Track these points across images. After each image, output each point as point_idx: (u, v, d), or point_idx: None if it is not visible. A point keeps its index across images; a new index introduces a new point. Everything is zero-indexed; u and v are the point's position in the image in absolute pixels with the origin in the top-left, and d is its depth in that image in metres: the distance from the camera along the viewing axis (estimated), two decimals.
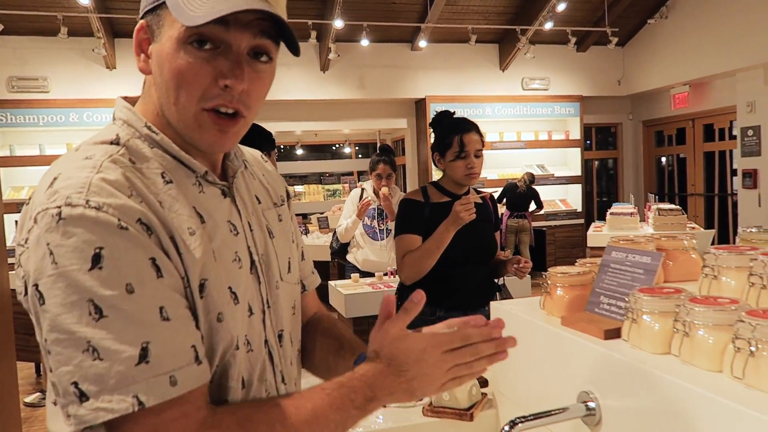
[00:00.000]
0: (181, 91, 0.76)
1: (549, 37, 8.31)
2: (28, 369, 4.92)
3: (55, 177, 0.72)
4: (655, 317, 0.97)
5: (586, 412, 1.03)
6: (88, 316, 0.65)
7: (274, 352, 0.88)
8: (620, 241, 1.24)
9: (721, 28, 7.35)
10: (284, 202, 1.01)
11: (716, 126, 8.37)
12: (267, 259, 0.89)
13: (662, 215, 5.46)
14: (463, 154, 2.25)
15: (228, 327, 0.78)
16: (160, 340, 0.68)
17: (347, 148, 12.54)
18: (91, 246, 0.66)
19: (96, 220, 0.67)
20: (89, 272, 0.66)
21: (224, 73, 0.76)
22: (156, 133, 0.80)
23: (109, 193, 0.69)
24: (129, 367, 0.65)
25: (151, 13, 0.78)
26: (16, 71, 7.05)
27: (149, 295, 0.69)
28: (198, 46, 0.75)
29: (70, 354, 0.66)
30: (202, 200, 0.81)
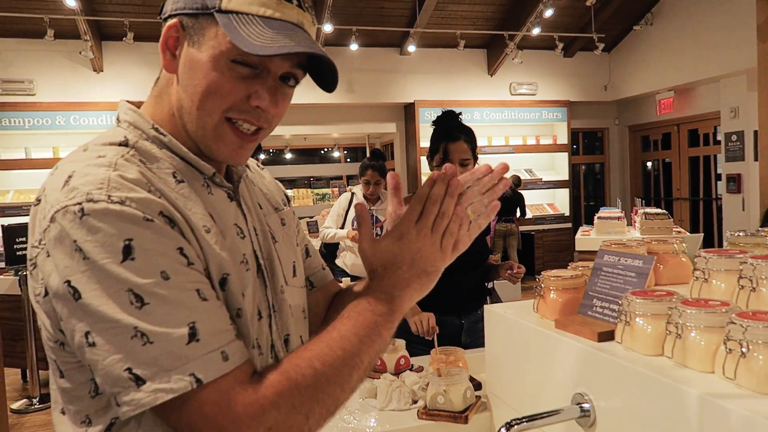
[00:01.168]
0: (210, 99, 0.77)
1: (536, 42, 8.38)
2: (14, 375, 4.86)
3: (69, 175, 0.71)
4: (647, 320, 0.98)
5: (581, 413, 1.05)
6: (130, 305, 0.66)
7: (280, 356, 0.88)
8: (612, 244, 1.26)
9: (705, 34, 7.46)
10: (285, 207, 1.02)
11: (701, 131, 8.48)
12: (271, 264, 0.90)
13: (649, 219, 5.51)
14: (447, 161, 2.27)
15: (246, 324, 0.79)
16: (204, 318, 0.69)
17: (336, 152, 12.53)
18: (119, 238, 0.67)
19: (120, 213, 0.68)
20: (122, 264, 0.66)
21: (260, 96, 0.78)
22: (164, 135, 0.81)
23: (129, 188, 0.70)
24: (181, 347, 0.66)
25: (189, 17, 0.78)
26: (2, 74, 6.97)
27: (184, 280, 0.70)
28: (239, 64, 0.76)
29: (118, 342, 0.66)
30: (211, 201, 0.82)
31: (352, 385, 0.75)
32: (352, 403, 1.57)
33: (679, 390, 0.86)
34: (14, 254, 4.45)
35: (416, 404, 1.54)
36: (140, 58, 7.31)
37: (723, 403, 0.78)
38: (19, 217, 6.62)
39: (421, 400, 1.54)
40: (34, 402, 4.37)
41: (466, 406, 1.44)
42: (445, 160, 2.26)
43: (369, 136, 10.46)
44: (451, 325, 2.30)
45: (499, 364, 1.42)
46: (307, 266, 1.07)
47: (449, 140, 2.28)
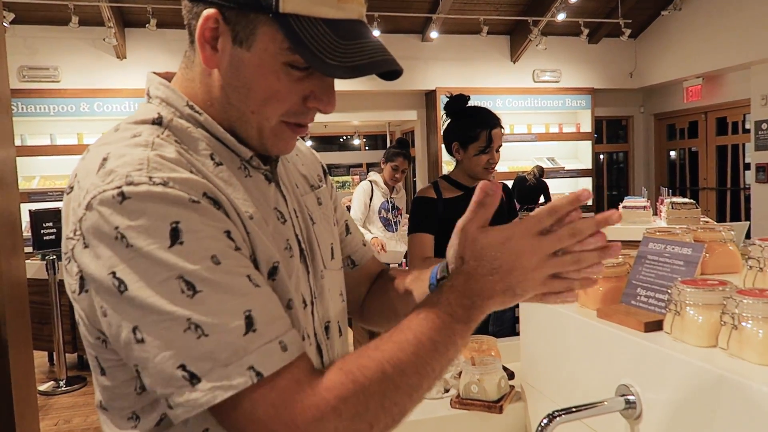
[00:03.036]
0: (268, 104, 0.73)
1: (561, 28, 8.23)
2: (41, 358, 4.95)
3: (104, 158, 0.66)
4: (699, 309, 0.94)
5: (626, 405, 1.01)
6: (181, 294, 0.61)
7: (322, 345, 0.84)
8: (656, 232, 1.22)
9: (735, 19, 7.26)
10: (322, 183, 0.97)
11: (729, 119, 8.30)
12: (311, 248, 0.85)
13: (676, 209, 5.41)
14: (488, 150, 2.22)
15: (297, 315, 0.75)
16: (259, 306, 0.64)
17: (356, 139, 12.50)
18: (166, 222, 0.62)
19: (164, 195, 0.63)
20: (170, 249, 0.62)
21: (318, 98, 0.74)
22: (199, 113, 0.75)
23: (170, 168, 0.65)
24: (238, 338, 0.61)
25: (234, 10, 0.69)
26: (27, 61, 7.05)
27: (235, 265, 0.65)
28: (294, 68, 0.71)
29: (170, 336, 0.61)
30: (249, 186, 0.77)
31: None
32: None
33: (737, 383, 0.82)
34: (41, 239, 4.52)
35: (448, 393, 1.51)
36: (163, 44, 7.34)
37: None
38: (44, 202, 6.71)
39: (453, 389, 1.52)
40: (61, 384, 4.46)
41: (501, 395, 1.42)
42: (487, 148, 2.22)
43: (389, 123, 10.41)
44: None
45: (535, 353, 1.39)
46: (347, 244, 1.02)
47: (492, 127, 2.24)
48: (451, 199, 2.29)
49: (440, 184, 2.34)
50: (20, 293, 2.51)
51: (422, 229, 2.26)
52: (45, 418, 3.90)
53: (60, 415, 4.01)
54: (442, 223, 2.26)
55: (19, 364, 2.43)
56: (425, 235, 2.25)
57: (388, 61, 0.71)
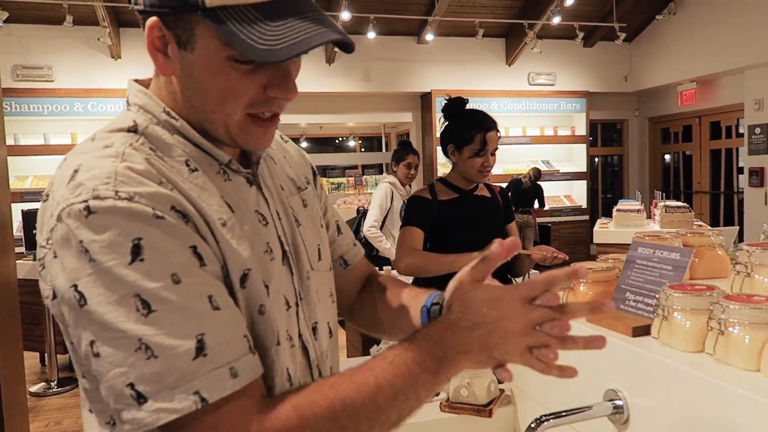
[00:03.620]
0: (226, 102, 0.72)
1: (556, 32, 8.26)
2: (32, 359, 4.92)
3: (75, 169, 0.67)
4: (686, 315, 0.95)
5: (614, 410, 1.01)
6: (137, 312, 0.61)
7: (309, 347, 0.84)
8: (645, 236, 1.22)
9: (729, 24, 7.29)
10: (309, 185, 0.96)
11: (723, 123, 8.33)
12: (296, 250, 0.85)
13: (669, 212, 5.44)
14: (482, 152, 2.22)
15: (270, 320, 0.75)
16: (214, 330, 0.64)
17: (352, 141, 12.50)
18: (128, 238, 0.62)
19: (129, 210, 0.63)
20: (130, 266, 0.62)
21: (276, 86, 0.72)
22: (176, 119, 0.75)
23: (138, 182, 0.65)
24: (187, 362, 0.61)
25: (171, 15, 0.69)
26: (21, 60, 7.01)
27: (197, 284, 0.65)
28: (240, 63, 0.70)
29: (122, 354, 0.61)
30: (228, 189, 0.76)
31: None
32: None
33: (723, 388, 0.82)
34: (33, 239, 4.49)
35: (438, 396, 1.51)
36: None
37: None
38: (38, 202, 6.65)
39: (443, 392, 1.52)
40: (53, 385, 4.43)
41: (490, 399, 1.42)
42: (482, 151, 2.21)
43: (385, 125, 10.41)
44: None
45: None
46: (339, 244, 1.02)
47: (487, 130, 2.23)
48: (445, 201, 2.29)
49: (436, 187, 2.33)
50: (11, 293, 2.50)
51: (414, 223, 2.26)
52: (35, 420, 3.88)
53: (51, 416, 3.99)
54: (436, 224, 2.25)
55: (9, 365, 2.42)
56: (416, 229, 2.25)
57: (324, 33, 0.68)
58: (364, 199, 6.61)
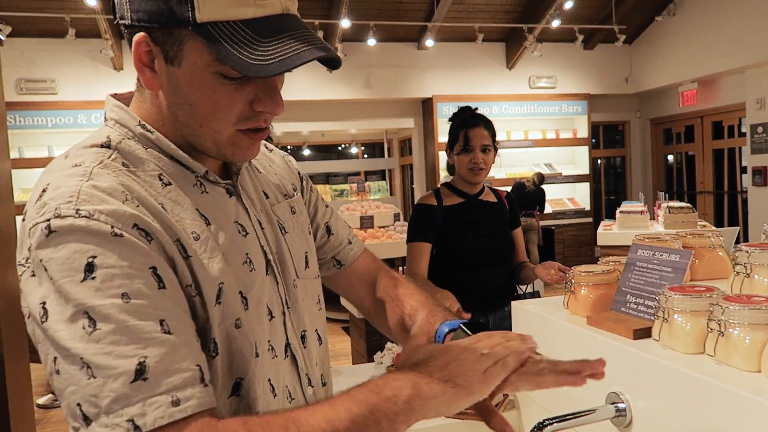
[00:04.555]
0: (213, 117, 0.72)
1: (556, 35, 8.27)
2: (39, 371, 4.93)
3: (44, 189, 0.67)
4: (687, 316, 0.95)
5: (616, 413, 1.01)
6: (82, 330, 0.60)
7: (297, 355, 0.84)
8: (645, 239, 1.22)
9: (729, 24, 7.30)
10: (296, 193, 0.96)
11: (725, 123, 8.32)
12: (281, 258, 0.85)
13: (673, 213, 5.43)
14: (468, 147, 2.23)
15: (246, 333, 0.74)
16: (159, 355, 0.60)
17: (354, 148, 12.52)
18: (83, 255, 0.62)
19: (86, 228, 0.63)
20: (82, 283, 0.61)
21: (262, 101, 0.73)
22: (151, 132, 0.75)
23: (100, 199, 0.65)
24: (124, 385, 0.58)
25: (159, 30, 0.69)
26: (25, 73, 7.08)
27: (149, 306, 0.63)
28: (227, 78, 0.70)
29: (71, 373, 0.60)
30: (205, 201, 0.76)
31: None
32: None
33: (723, 390, 0.82)
34: None
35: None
36: None
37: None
38: None
39: None
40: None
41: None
42: (466, 147, 2.22)
43: (387, 131, 10.43)
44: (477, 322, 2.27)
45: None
46: (330, 245, 1.01)
47: (469, 126, 2.24)
48: (451, 206, 2.29)
49: (441, 192, 2.33)
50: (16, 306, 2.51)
51: (420, 237, 2.25)
52: (43, 431, 3.88)
53: (58, 428, 4.00)
54: (442, 230, 2.25)
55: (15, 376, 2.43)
56: (423, 244, 2.24)
57: (313, 50, 0.68)
58: (367, 206, 6.61)
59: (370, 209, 6.40)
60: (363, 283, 1.04)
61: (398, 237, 5.72)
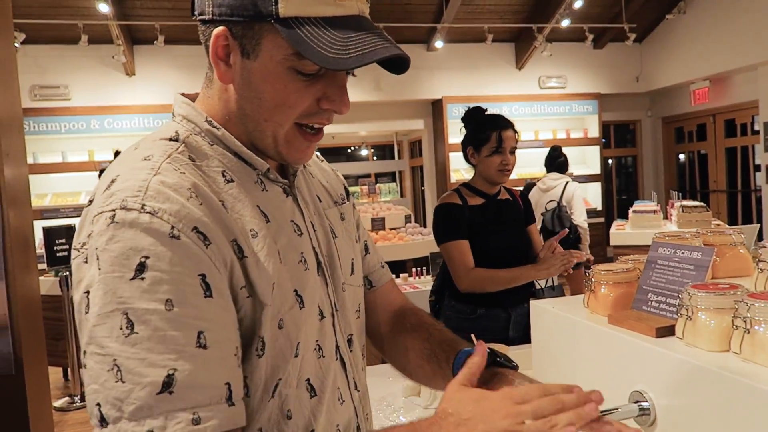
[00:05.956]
0: (280, 111, 0.74)
1: (565, 34, 8.24)
2: (55, 374, 4.98)
3: (113, 179, 0.69)
4: (711, 314, 0.94)
5: (640, 412, 1.01)
6: (119, 330, 0.60)
7: (345, 358, 0.84)
8: (666, 236, 1.22)
9: (741, 21, 7.24)
10: (344, 200, 0.98)
11: (738, 121, 8.24)
12: (331, 261, 0.86)
13: (686, 212, 5.39)
14: (500, 149, 2.23)
15: (288, 333, 0.74)
16: (189, 368, 0.61)
17: (364, 150, 12.54)
18: (137, 254, 0.62)
19: (148, 226, 0.63)
20: (130, 281, 0.61)
21: (331, 99, 0.74)
22: (217, 128, 0.77)
23: (166, 197, 0.65)
24: (150, 395, 0.59)
25: (239, 24, 0.72)
26: (38, 80, 7.15)
27: (190, 316, 0.62)
28: (302, 72, 0.72)
29: (98, 371, 0.61)
30: (265, 199, 0.77)
31: None
32: (396, 401, 1.55)
33: (750, 387, 0.82)
34: (54, 256, 4.55)
35: None
36: (171, 60, 7.42)
37: None
38: (57, 219, 6.77)
39: None
40: (76, 400, 4.47)
41: None
42: (499, 148, 2.22)
43: (397, 133, 10.43)
44: (498, 318, 2.27)
45: (546, 361, 1.39)
46: (365, 264, 1.02)
47: (502, 128, 2.24)
48: (475, 206, 2.28)
49: (462, 192, 2.32)
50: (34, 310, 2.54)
51: (458, 235, 2.22)
52: None
53: (75, 430, 4.03)
54: (470, 229, 2.24)
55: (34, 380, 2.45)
56: (463, 242, 2.21)
57: (389, 48, 0.71)
58: (378, 208, 6.60)
59: (381, 211, 6.40)
60: (385, 309, 1.03)
61: (409, 239, 5.72)
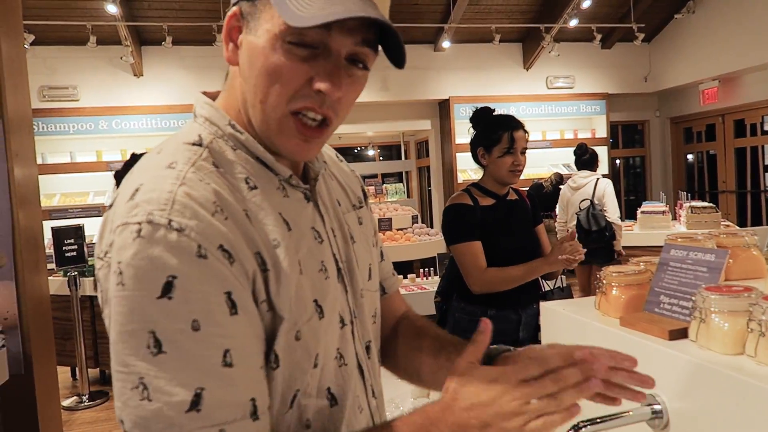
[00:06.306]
0: (272, 88, 0.71)
1: (573, 34, 8.22)
2: (64, 373, 5.00)
3: (136, 187, 0.66)
4: (725, 317, 0.93)
5: (652, 415, 1.00)
6: (146, 349, 0.60)
7: (363, 365, 0.83)
8: (678, 238, 1.21)
9: (750, 20, 7.19)
10: (362, 203, 0.96)
11: (747, 121, 8.19)
12: (350, 267, 0.84)
13: (695, 213, 5.37)
14: (512, 150, 2.22)
15: (306, 344, 0.73)
16: (216, 387, 0.61)
17: (371, 150, 12.54)
18: (164, 272, 0.61)
19: (176, 244, 0.62)
20: (157, 300, 0.61)
21: (321, 77, 0.71)
22: (240, 133, 0.75)
23: (193, 213, 0.64)
24: (178, 413, 0.59)
25: (247, 1, 0.73)
26: (47, 80, 7.19)
27: (216, 335, 0.63)
28: (296, 45, 0.70)
29: (122, 387, 0.61)
30: (287, 206, 0.76)
31: None
32: (405, 403, 1.54)
33: (765, 391, 0.81)
34: (63, 256, 4.58)
35: None
36: (178, 61, 7.45)
37: None
38: (65, 219, 6.81)
39: None
40: (84, 399, 4.50)
41: None
42: (511, 148, 2.21)
43: (403, 133, 10.43)
44: (508, 320, 2.26)
45: None
46: (381, 269, 1.00)
47: (513, 128, 2.23)
48: (486, 207, 2.27)
49: (473, 192, 2.30)
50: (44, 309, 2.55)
51: (470, 237, 2.20)
52: None
53: (83, 429, 4.05)
54: (482, 230, 2.23)
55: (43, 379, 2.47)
56: (475, 243, 2.20)
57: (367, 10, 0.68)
58: (384, 208, 6.60)
59: (387, 211, 6.39)
60: (391, 316, 1.02)
61: (416, 239, 5.71)
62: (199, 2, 6.94)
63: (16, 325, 2.30)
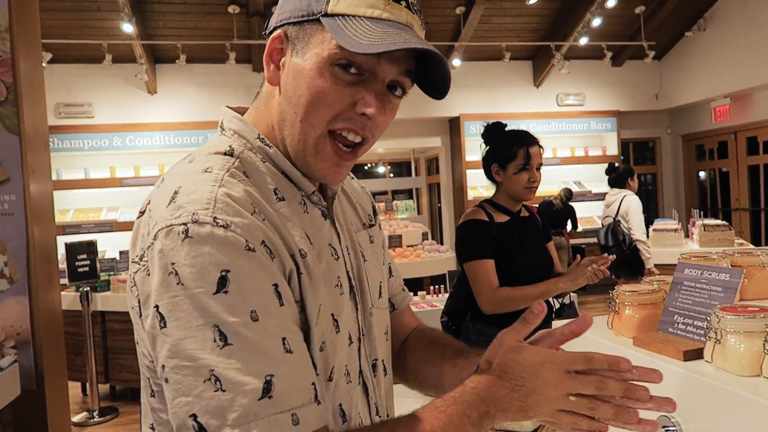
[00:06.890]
0: (315, 109, 0.73)
1: (584, 52, 8.24)
2: (74, 388, 5.01)
3: (175, 191, 0.68)
4: (741, 337, 0.92)
5: None
6: (213, 343, 0.62)
7: (368, 383, 0.84)
8: (692, 257, 1.20)
9: (762, 38, 7.18)
10: (373, 222, 0.98)
11: (760, 138, 8.14)
12: (361, 285, 0.86)
13: (708, 231, 5.31)
14: (527, 166, 2.19)
15: (326, 356, 0.74)
16: (283, 373, 0.63)
17: (381, 167, 12.58)
18: (217, 268, 0.63)
19: (224, 240, 0.64)
20: (215, 296, 0.62)
21: (367, 102, 0.73)
22: (269, 147, 0.77)
23: (235, 211, 0.66)
24: (252, 401, 0.61)
25: (295, 25, 0.74)
26: (63, 98, 7.31)
27: (273, 324, 0.65)
28: (344, 70, 0.72)
29: (190, 383, 0.62)
30: (307, 221, 0.78)
31: None
32: None
33: None
34: (75, 271, 4.61)
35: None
36: (192, 79, 7.55)
37: None
38: (78, 234, 6.87)
39: None
40: (94, 415, 4.49)
41: (536, 426, 1.39)
42: (527, 165, 2.19)
43: (414, 150, 10.46)
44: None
45: None
46: (390, 286, 1.01)
47: (529, 144, 2.21)
48: (501, 223, 2.23)
49: (487, 208, 2.27)
50: (56, 325, 2.56)
51: (483, 254, 2.17)
52: None
53: None
54: (496, 248, 2.19)
55: (54, 394, 2.47)
56: (488, 261, 2.16)
57: (421, 42, 0.70)
58: (395, 225, 6.60)
59: (398, 228, 6.39)
60: (402, 332, 1.03)
61: (427, 256, 5.70)
62: (213, 21, 7.05)
63: (28, 341, 2.31)
